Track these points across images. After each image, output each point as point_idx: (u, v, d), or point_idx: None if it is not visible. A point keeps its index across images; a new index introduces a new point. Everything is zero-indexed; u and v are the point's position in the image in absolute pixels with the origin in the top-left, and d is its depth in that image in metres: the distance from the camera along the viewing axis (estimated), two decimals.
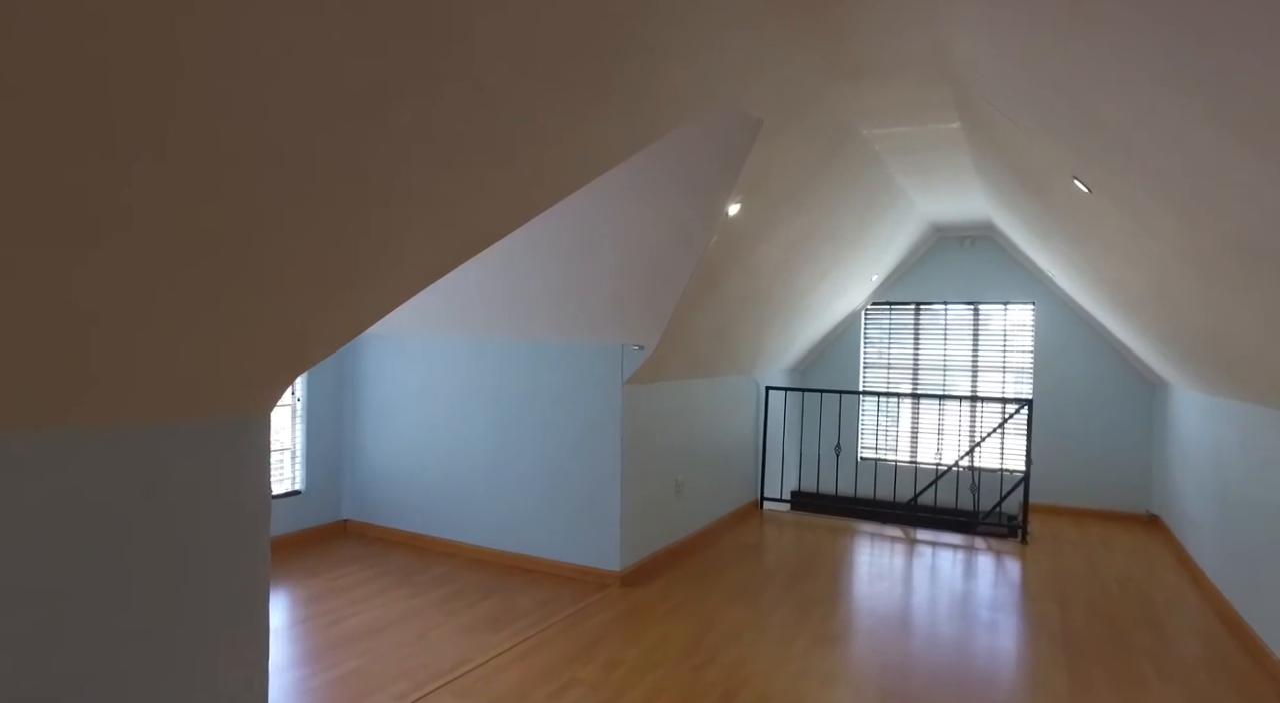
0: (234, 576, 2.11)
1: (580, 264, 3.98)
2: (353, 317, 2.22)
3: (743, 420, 6.16)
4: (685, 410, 5.10)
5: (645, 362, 4.26)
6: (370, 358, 5.26)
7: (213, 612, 2.04)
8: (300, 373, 2.23)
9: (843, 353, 7.56)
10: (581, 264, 3.98)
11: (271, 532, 4.69)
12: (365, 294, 2.17)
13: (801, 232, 4.50)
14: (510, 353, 4.72)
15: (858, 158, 4.13)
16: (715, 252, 3.75)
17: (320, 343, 2.20)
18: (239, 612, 2.13)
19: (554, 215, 3.71)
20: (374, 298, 2.22)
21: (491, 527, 4.76)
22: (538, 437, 4.62)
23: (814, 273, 5.34)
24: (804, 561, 4.91)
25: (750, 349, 5.72)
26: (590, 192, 3.50)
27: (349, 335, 2.29)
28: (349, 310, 2.18)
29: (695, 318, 4.32)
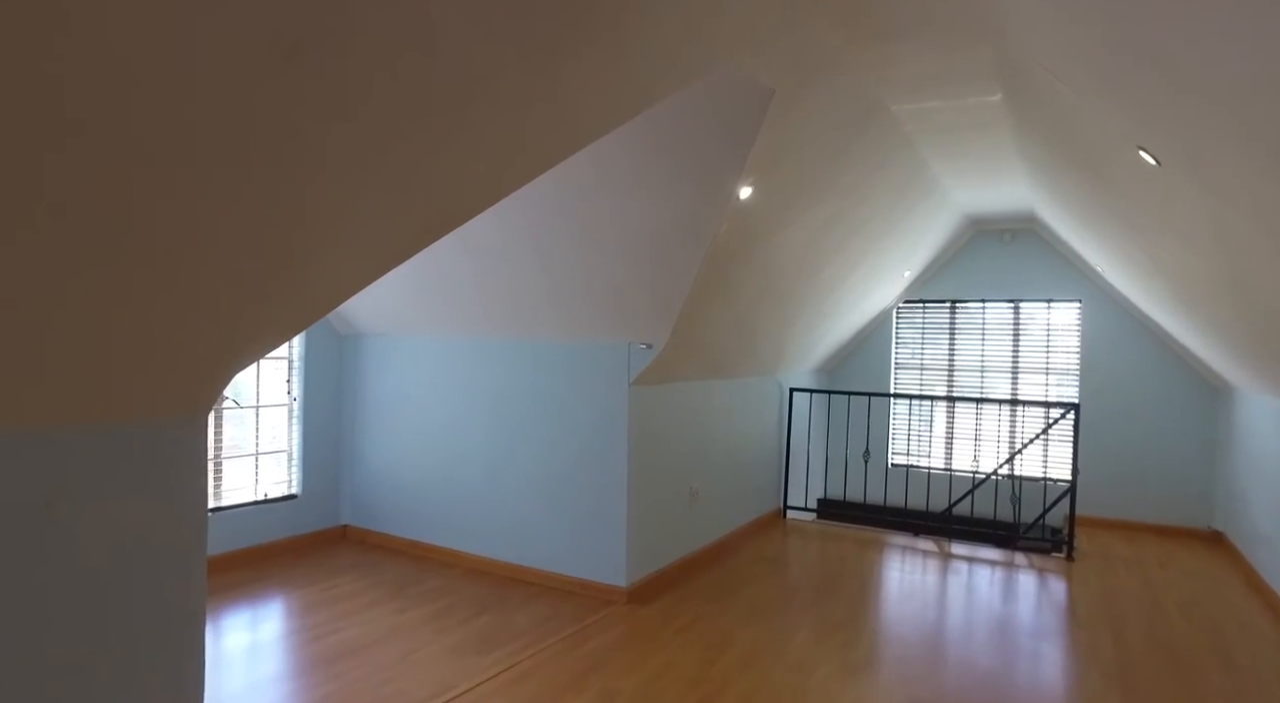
0: (161, 598, 1.85)
1: (581, 255, 3.69)
2: (297, 307, 1.95)
3: (765, 424, 5.81)
4: (701, 414, 4.77)
5: (654, 362, 3.95)
6: (370, 355, 5.03)
7: (138, 640, 1.78)
8: (239, 370, 1.97)
9: (873, 354, 7.16)
10: (582, 255, 3.68)
11: (267, 537, 4.49)
12: (309, 282, 1.90)
13: (824, 221, 4.15)
14: (510, 351, 4.45)
15: (886, 138, 3.77)
16: (726, 241, 3.42)
17: (260, 336, 1.93)
18: (168, 640, 1.87)
19: (552, 202, 3.43)
20: (320, 286, 1.95)
21: (492, 537, 4.48)
22: (539, 441, 4.34)
23: (839, 267, 4.97)
24: (828, 576, 4.55)
25: (772, 349, 5.38)
26: (589, 174, 3.21)
27: (294, 327, 2.02)
28: (291, 299, 1.91)
29: (707, 314, 3.99)
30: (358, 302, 4.76)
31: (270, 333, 1.94)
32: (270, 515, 4.65)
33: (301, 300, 1.94)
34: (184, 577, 1.91)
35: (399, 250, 2.05)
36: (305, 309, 1.98)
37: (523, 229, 3.69)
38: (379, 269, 2.05)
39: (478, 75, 1.68)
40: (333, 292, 2.00)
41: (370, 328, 4.97)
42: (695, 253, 3.36)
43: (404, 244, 2.03)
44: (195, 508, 1.96)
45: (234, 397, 4.49)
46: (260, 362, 4.61)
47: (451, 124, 1.76)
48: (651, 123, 2.90)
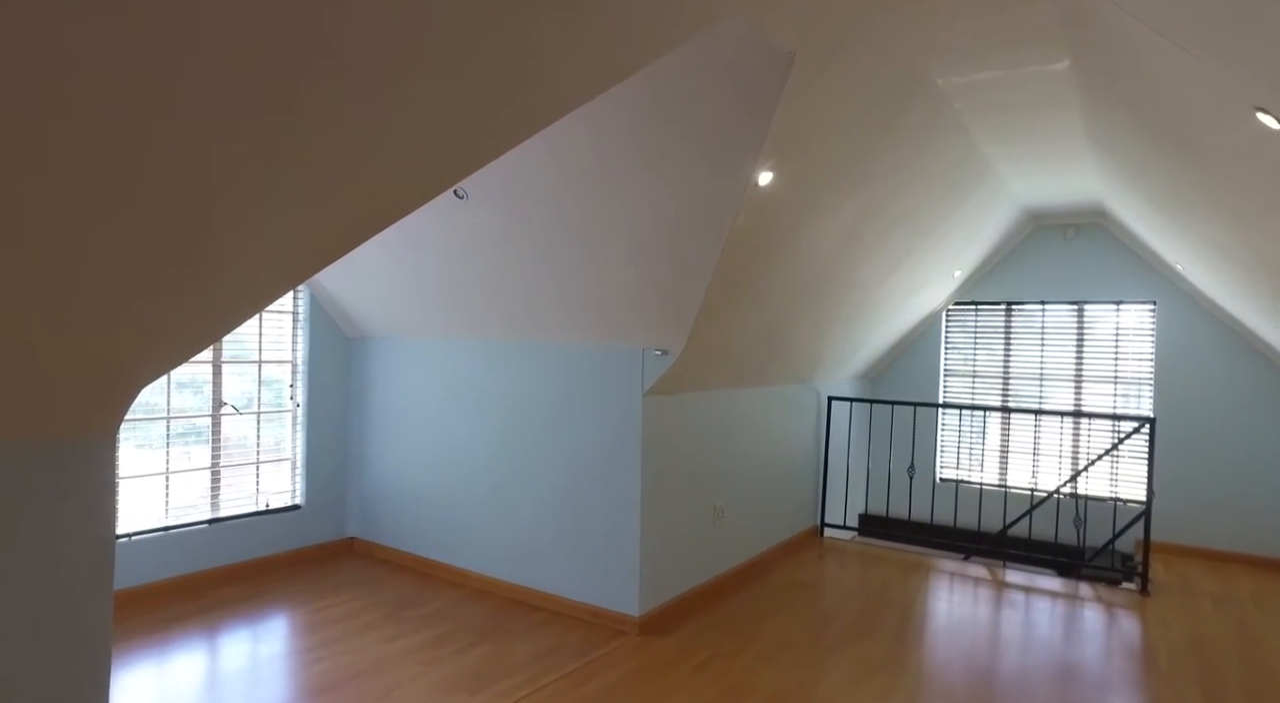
0: (54, 643, 1.57)
1: (588, 250, 3.35)
2: (212, 309, 1.65)
3: (801, 436, 5.38)
4: (727, 425, 4.38)
5: (670, 369, 3.59)
6: (378, 360, 4.79)
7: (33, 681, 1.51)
8: (140, 386, 1.68)
9: (919, 359, 6.65)
10: (589, 251, 3.34)
11: (269, 550, 4.27)
12: (222, 284, 1.60)
13: (859, 213, 3.72)
14: (518, 355, 4.14)
15: (931, 117, 3.33)
16: (746, 234, 3.04)
17: (168, 344, 1.64)
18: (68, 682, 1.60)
19: (557, 193, 3.10)
20: (239, 285, 1.64)
21: (499, 556, 4.18)
22: (546, 453, 4.01)
23: (879, 266, 4.52)
24: (867, 606, 4.11)
25: (807, 355, 4.95)
26: (592, 161, 2.87)
27: (212, 333, 1.72)
28: (204, 301, 1.61)
29: (730, 317, 3.61)
30: (364, 302, 4.52)
31: (181, 344, 1.65)
32: (272, 527, 4.44)
33: (215, 304, 1.64)
34: (85, 614, 1.63)
35: (340, 240, 1.74)
36: (223, 313, 1.68)
37: (526, 223, 3.37)
38: (312, 264, 1.74)
39: (422, 40, 1.35)
40: (257, 293, 1.70)
41: (378, 331, 4.73)
42: (711, 247, 2.99)
43: (345, 233, 1.72)
44: (97, 537, 1.67)
45: (233, 402, 4.29)
46: (261, 364, 4.40)
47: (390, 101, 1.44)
48: (656, 95, 2.55)
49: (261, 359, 4.42)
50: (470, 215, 3.49)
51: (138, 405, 3.85)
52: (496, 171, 3.19)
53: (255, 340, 4.38)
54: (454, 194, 3.40)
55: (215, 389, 4.20)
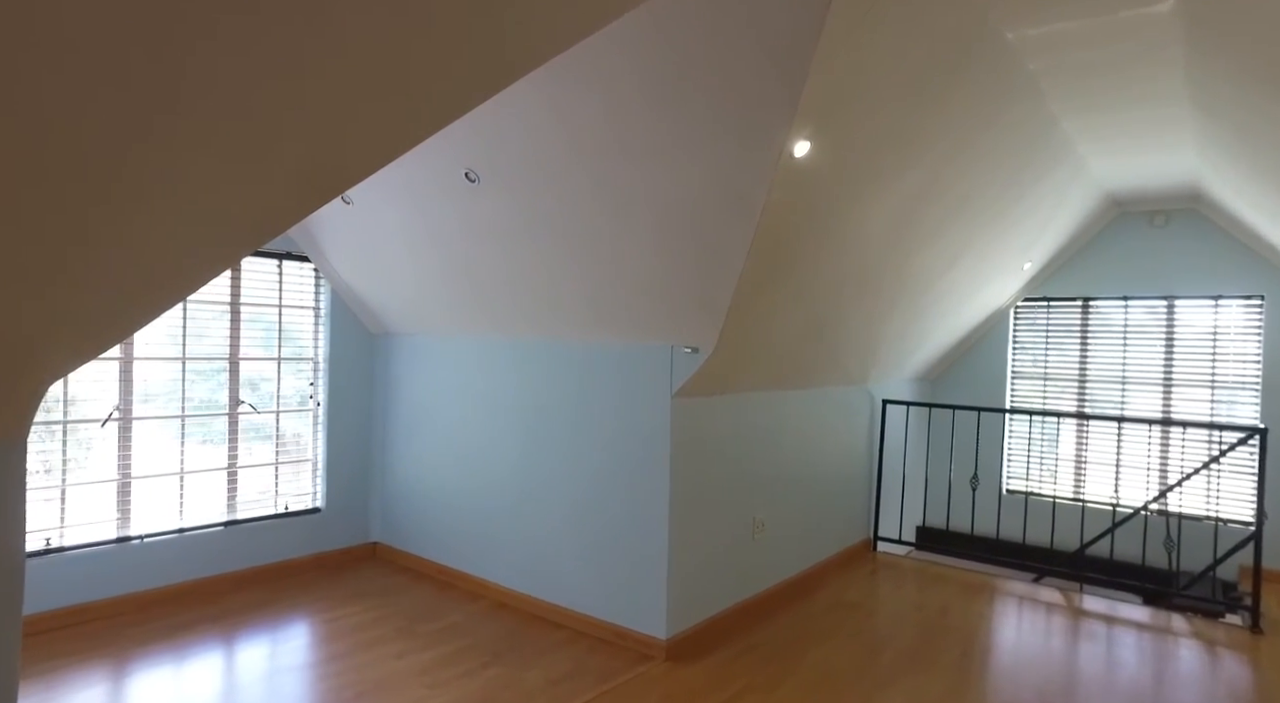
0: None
1: (607, 238, 3.04)
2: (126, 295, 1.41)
3: (852, 442, 4.96)
4: (769, 430, 4.02)
5: (701, 368, 3.25)
6: (402, 357, 4.59)
7: None
8: (55, 378, 1.45)
9: (984, 360, 6.12)
10: (608, 238, 3.04)
11: (288, 554, 4.11)
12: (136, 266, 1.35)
13: (915, 195, 3.31)
14: (538, 355, 3.86)
15: (999, 82, 2.90)
16: (782, 215, 2.68)
17: (76, 334, 1.40)
18: None
19: (575, 174, 2.81)
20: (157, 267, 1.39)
21: (520, 568, 3.91)
22: (568, 458, 3.73)
23: (939, 255, 4.08)
24: (924, 633, 3.68)
25: (859, 354, 4.54)
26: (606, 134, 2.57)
27: (131, 321, 1.48)
28: (114, 287, 1.37)
29: (766, 309, 3.25)
30: (386, 297, 4.32)
31: (81, 333, 1.41)
32: (291, 530, 4.28)
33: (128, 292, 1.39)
34: None
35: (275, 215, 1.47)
36: (142, 303, 1.44)
37: (541, 209, 3.09)
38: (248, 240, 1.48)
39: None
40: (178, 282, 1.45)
41: (401, 327, 4.53)
42: (742, 230, 2.64)
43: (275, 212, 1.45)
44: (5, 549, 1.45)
45: (250, 401, 4.15)
46: (280, 361, 4.24)
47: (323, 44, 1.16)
48: (672, 55, 2.22)
49: (281, 356, 4.27)
50: (484, 202, 3.23)
51: (154, 402, 3.73)
52: (506, 152, 2.91)
53: (275, 336, 4.23)
54: (465, 177, 3.14)
55: (232, 387, 4.06)
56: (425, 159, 3.19)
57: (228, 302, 4.02)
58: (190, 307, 3.86)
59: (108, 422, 3.61)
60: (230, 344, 4.04)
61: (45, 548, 3.42)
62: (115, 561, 3.61)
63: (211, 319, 3.96)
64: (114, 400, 3.63)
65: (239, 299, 4.06)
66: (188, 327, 3.85)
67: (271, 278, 4.20)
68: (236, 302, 4.05)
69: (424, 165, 3.23)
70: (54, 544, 3.45)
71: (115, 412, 3.63)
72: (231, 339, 4.04)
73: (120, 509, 3.66)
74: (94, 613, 3.52)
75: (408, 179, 3.37)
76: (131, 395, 3.67)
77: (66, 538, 3.49)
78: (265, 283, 4.18)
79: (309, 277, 4.37)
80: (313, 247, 4.26)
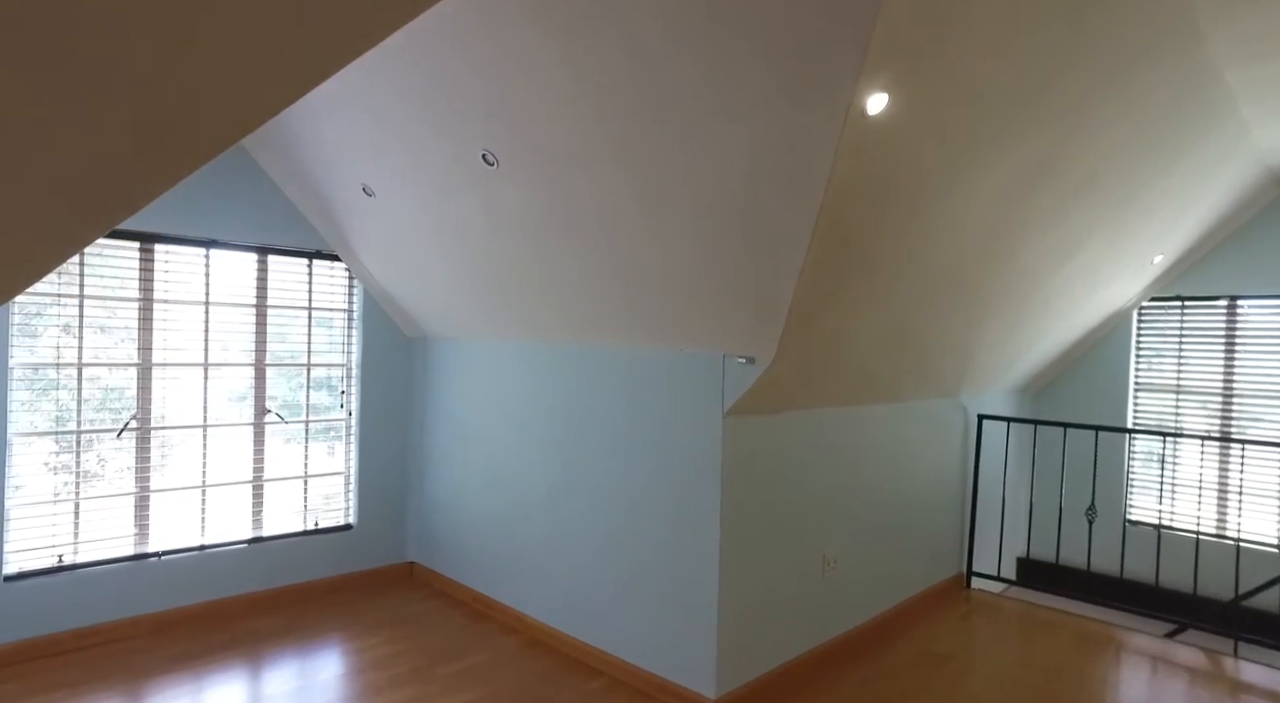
0: None
1: (643, 228, 2.58)
2: None
3: (942, 463, 4.31)
4: (841, 452, 3.46)
5: (757, 382, 2.74)
6: (439, 364, 4.26)
7: None
8: None
9: (1099, 370, 5.30)
10: (645, 228, 2.58)
11: (317, 574, 3.83)
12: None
13: (1029, 166, 2.68)
14: (576, 364, 3.43)
15: (1147, 18, 2.27)
16: (850, 189, 2.14)
17: None
18: None
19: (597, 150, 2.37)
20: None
21: (557, 603, 3.49)
22: (608, 483, 3.28)
23: (1056, 244, 3.40)
24: (1031, 696, 3.04)
25: (951, 362, 3.90)
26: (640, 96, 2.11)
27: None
28: None
29: (836, 311, 2.71)
30: (421, 299, 4.00)
31: None
32: (321, 548, 4.01)
33: None
34: None
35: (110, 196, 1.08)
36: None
37: (568, 196, 2.66)
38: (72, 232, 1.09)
39: None
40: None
41: (437, 330, 4.20)
42: (801, 212, 2.13)
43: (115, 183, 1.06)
44: None
45: (278, 410, 3.90)
46: (310, 367, 3.98)
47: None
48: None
49: (310, 362, 4.01)
50: (506, 188, 2.83)
51: (171, 415, 3.51)
52: (522, 127, 2.49)
53: (304, 341, 3.97)
54: (483, 160, 2.75)
55: (259, 395, 3.82)
56: (436, 139, 2.81)
57: (253, 304, 3.78)
58: (213, 309, 3.64)
59: (124, 431, 3.41)
60: (256, 349, 3.80)
61: (57, 566, 3.24)
62: (131, 579, 3.40)
63: (236, 322, 3.72)
64: (131, 409, 3.43)
65: (265, 301, 3.82)
66: (210, 331, 3.62)
67: (300, 278, 3.95)
68: (263, 304, 3.81)
69: (436, 146, 2.86)
70: (66, 561, 3.27)
71: (132, 421, 3.43)
72: (257, 344, 3.80)
73: (138, 524, 3.46)
74: (106, 635, 3.32)
75: (421, 163, 3.00)
76: (150, 403, 3.47)
77: (80, 555, 3.31)
78: (294, 284, 3.93)
79: (340, 277, 4.10)
80: (342, 244, 3.98)
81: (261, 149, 3.65)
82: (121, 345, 3.40)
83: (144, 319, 3.44)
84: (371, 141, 3.09)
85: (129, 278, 3.41)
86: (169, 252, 3.49)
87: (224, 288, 3.67)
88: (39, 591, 3.17)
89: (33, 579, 3.16)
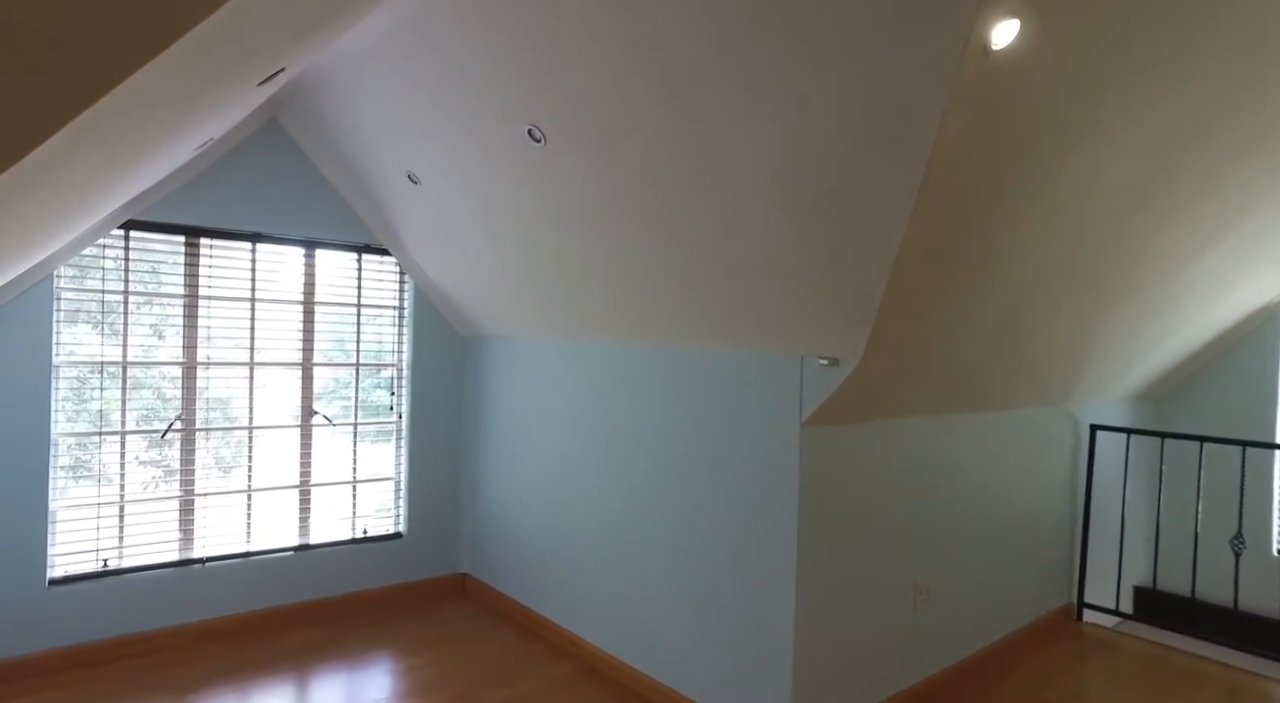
0: None
1: (711, 203, 2.25)
2: None
3: (1048, 479, 3.81)
4: (933, 467, 3.03)
5: (841, 386, 2.36)
6: (495, 363, 4.02)
7: None
8: None
9: (1236, 375, 4.63)
10: (713, 203, 2.24)
11: (365, 584, 3.64)
12: None
13: (1180, 123, 2.20)
14: (637, 365, 3.12)
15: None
16: (961, 153, 1.75)
17: None
18: None
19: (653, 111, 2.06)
20: None
21: (613, 627, 3.19)
22: (669, 497, 2.95)
23: (1197, 225, 2.87)
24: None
25: (1064, 364, 3.40)
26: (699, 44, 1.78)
27: None
28: None
29: (939, 303, 2.30)
30: (472, 293, 3.77)
31: None
32: (369, 557, 3.83)
33: None
34: None
35: None
36: None
37: (625, 170, 2.35)
38: None
39: None
40: None
41: (492, 328, 3.96)
42: (900, 183, 1.75)
43: None
44: None
45: (324, 411, 3.74)
46: (359, 367, 3.80)
47: None
48: None
49: (359, 361, 3.83)
50: (557, 169, 2.54)
51: (215, 416, 3.38)
52: (568, 94, 2.20)
53: (353, 339, 3.80)
54: (529, 136, 2.46)
55: (305, 396, 3.67)
56: (480, 115, 2.55)
57: (300, 300, 3.62)
58: (259, 306, 3.49)
59: (168, 433, 3.30)
60: (303, 348, 3.64)
61: (102, 570, 3.14)
62: (176, 586, 3.28)
63: (282, 320, 3.57)
64: (176, 409, 3.31)
65: (313, 297, 3.66)
66: (256, 328, 3.48)
67: (349, 273, 3.78)
68: (310, 300, 3.65)
69: (480, 122, 2.59)
70: (111, 566, 3.17)
71: (177, 422, 3.31)
72: (304, 342, 3.64)
73: (183, 529, 3.35)
74: (149, 644, 3.21)
75: (465, 143, 2.75)
76: (194, 404, 3.35)
77: (125, 560, 3.20)
78: (342, 279, 3.76)
79: (390, 271, 3.91)
80: (390, 236, 3.79)
81: (305, 135, 3.49)
82: (166, 344, 3.29)
83: (189, 316, 3.32)
84: (414, 124, 2.86)
85: (174, 273, 3.30)
86: (214, 246, 3.36)
87: (270, 283, 3.53)
88: (83, 596, 3.07)
89: (77, 584, 3.06)
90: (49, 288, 2.97)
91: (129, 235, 3.15)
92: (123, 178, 2.23)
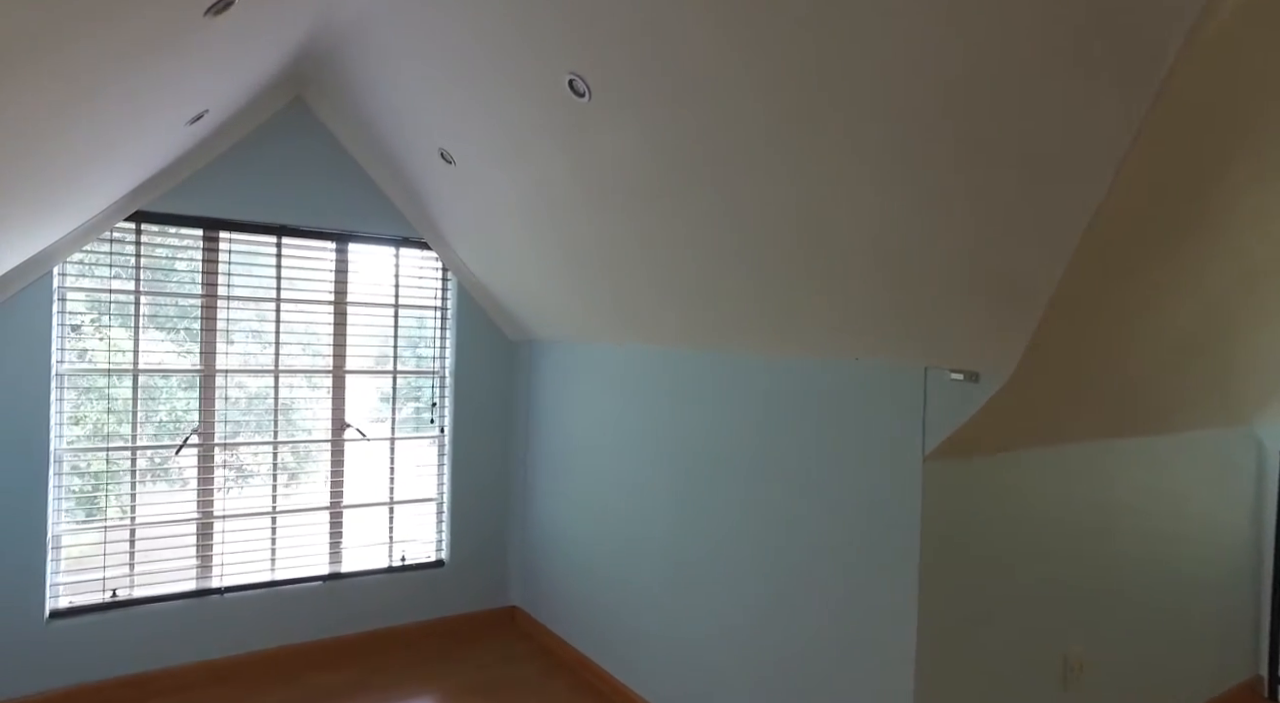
0: None
1: (810, 161, 1.68)
2: None
3: (1228, 520, 3.03)
4: (1092, 509, 2.36)
5: (983, 409, 1.75)
6: (547, 371, 3.54)
7: None
8: None
9: None
10: (813, 160, 1.67)
11: (403, 618, 3.01)
12: None
13: None
14: (707, 376, 2.57)
15: None
16: (1190, 96, 1.12)
17: None
18: None
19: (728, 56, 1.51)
20: None
21: (675, 683, 2.65)
22: (744, 543, 2.39)
23: None
24: None
25: (1258, 373, 2.66)
26: None
27: None
28: None
29: (1123, 298, 1.66)
30: (519, 292, 3.31)
31: None
32: (408, 588, 3.42)
33: None
34: None
35: None
36: None
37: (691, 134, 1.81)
38: None
39: None
40: None
41: (545, 331, 3.49)
42: (1096, 129, 1.14)
43: None
44: None
45: (358, 426, 3.34)
46: (396, 375, 3.40)
47: None
48: None
49: (396, 368, 3.43)
50: (603, 133, 2.02)
51: (236, 428, 3.03)
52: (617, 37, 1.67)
53: (389, 344, 3.40)
54: (570, 88, 1.95)
55: (335, 407, 3.28)
56: (514, 68, 2.06)
57: (330, 301, 3.24)
58: (284, 307, 3.13)
59: (184, 447, 2.96)
60: (334, 354, 3.26)
61: (110, 601, 2.82)
62: (192, 619, 2.94)
63: (310, 322, 3.20)
64: (192, 421, 2.98)
65: (345, 297, 3.27)
66: (281, 332, 3.12)
67: (386, 270, 3.38)
68: (342, 301, 3.27)
69: (514, 78, 2.10)
70: (121, 596, 2.85)
71: (193, 435, 2.98)
72: (335, 347, 3.26)
73: (200, 556, 3.01)
74: (160, 685, 2.87)
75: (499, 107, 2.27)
76: (213, 415, 3.00)
77: (136, 589, 2.88)
78: (378, 276, 3.36)
79: (432, 268, 3.49)
80: (430, 228, 3.37)
81: (333, 114, 3.10)
82: (181, 349, 2.96)
83: (207, 318, 2.98)
84: (440, 87, 2.40)
85: (190, 271, 2.96)
86: (234, 239, 3.01)
87: (298, 282, 3.16)
88: (87, 630, 2.76)
89: (81, 616, 2.75)
90: (48, 286, 2.66)
91: (140, 228, 2.83)
92: (111, 142, 1.85)
